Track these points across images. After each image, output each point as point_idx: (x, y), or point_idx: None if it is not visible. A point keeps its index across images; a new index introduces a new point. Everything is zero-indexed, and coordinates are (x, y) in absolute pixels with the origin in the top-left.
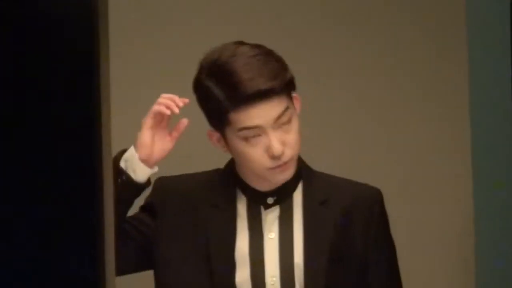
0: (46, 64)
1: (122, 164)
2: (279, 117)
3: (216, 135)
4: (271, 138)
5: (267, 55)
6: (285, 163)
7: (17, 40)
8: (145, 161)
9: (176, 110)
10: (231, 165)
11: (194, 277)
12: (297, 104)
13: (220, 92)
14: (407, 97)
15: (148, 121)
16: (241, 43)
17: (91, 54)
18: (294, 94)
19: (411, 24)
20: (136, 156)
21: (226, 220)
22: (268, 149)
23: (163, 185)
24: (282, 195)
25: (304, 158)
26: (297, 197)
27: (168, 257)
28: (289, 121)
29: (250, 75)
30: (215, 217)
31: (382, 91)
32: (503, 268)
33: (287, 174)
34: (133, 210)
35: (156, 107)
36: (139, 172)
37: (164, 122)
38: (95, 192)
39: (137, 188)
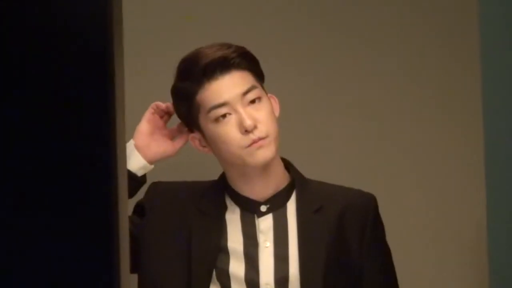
0: (62, 66)
1: None
2: (245, 93)
3: (197, 136)
4: (241, 112)
5: (229, 43)
6: (260, 138)
7: (31, 42)
8: (141, 150)
9: (171, 108)
10: (224, 176)
11: (173, 280)
12: (275, 104)
13: (185, 82)
14: (418, 100)
15: (146, 114)
16: None
17: (106, 56)
18: (270, 94)
19: (420, 23)
20: (133, 143)
21: (212, 226)
22: (240, 125)
23: (155, 189)
24: (275, 203)
25: (314, 163)
26: (291, 206)
27: (150, 259)
28: (259, 100)
29: (208, 51)
30: (201, 224)
31: (391, 95)
32: None
33: (266, 152)
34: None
35: (154, 103)
36: (133, 159)
37: (163, 122)
38: (109, 193)
39: (129, 177)
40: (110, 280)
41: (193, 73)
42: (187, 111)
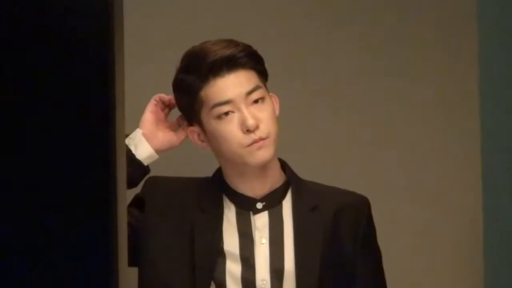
0: (61, 64)
1: (126, 141)
2: (249, 92)
3: (197, 130)
4: (244, 111)
5: (236, 41)
6: (261, 138)
7: (32, 39)
8: (148, 139)
9: (174, 101)
10: (219, 173)
11: (176, 276)
12: (276, 104)
13: (190, 76)
14: (415, 100)
15: (149, 106)
16: None
17: (107, 53)
18: (271, 93)
19: (418, 23)
20: (140, 131)
21: (212, 225)
22: (242, 124)
23: (154, 183)
24: (271, 200)
25: (310, 162)
26: (287, 204)
27: (150, 255)
28: (262, 101)
29: (216, 48)
30: (201, 221)
31: (388, 94)
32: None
33: (266, 152)
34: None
35: (157, 95)
36: (141, 147)
37: (164, 115)
38: (109, 191)
39: (137, 166)
40: (109, 277)
41: (199, 69)
42: (189, 104)
